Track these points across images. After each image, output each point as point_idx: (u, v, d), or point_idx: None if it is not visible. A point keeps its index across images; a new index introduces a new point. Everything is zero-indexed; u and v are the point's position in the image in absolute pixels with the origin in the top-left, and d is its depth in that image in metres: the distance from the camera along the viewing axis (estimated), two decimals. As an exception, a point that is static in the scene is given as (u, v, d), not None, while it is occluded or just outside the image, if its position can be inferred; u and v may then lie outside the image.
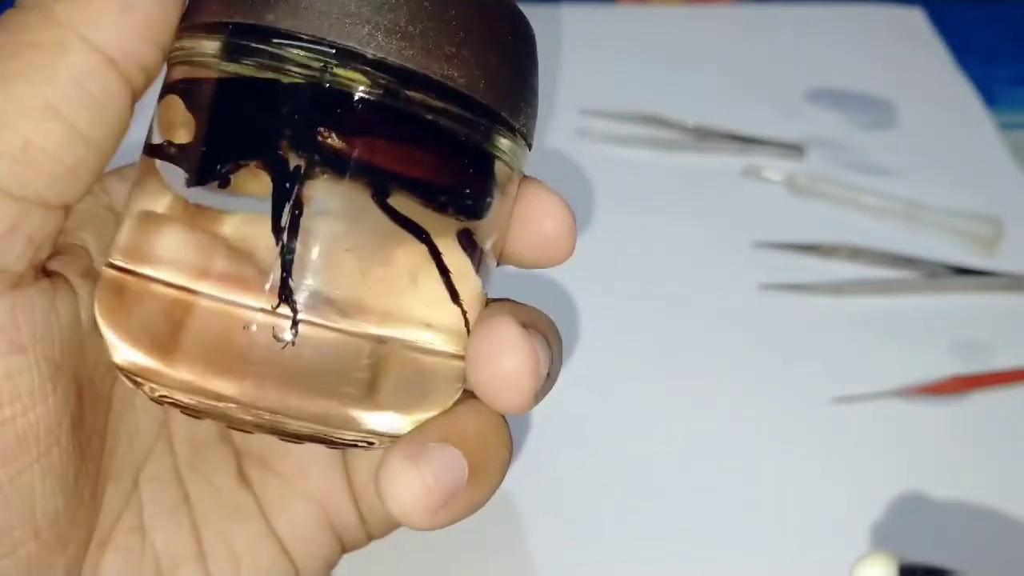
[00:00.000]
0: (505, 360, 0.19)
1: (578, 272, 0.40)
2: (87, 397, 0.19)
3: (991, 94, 0.52)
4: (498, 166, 0.19)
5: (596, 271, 0.40)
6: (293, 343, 0.17)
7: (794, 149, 0.47)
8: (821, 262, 0.41)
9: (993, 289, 0.41)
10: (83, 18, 0.16)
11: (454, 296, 0.18)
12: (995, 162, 0.47)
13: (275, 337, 0.17)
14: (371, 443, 0.19)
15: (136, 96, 0.18)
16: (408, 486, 0.18)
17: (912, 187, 0.45)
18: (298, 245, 0.17)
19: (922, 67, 0.53)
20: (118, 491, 0.21)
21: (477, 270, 0.19)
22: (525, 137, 0.19)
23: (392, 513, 0.19)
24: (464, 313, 0.18)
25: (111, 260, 0.18)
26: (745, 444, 0.34)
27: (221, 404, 0.17)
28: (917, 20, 0.56)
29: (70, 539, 0.19)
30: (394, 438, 0.19)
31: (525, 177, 0.20)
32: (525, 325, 0.19)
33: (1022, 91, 0.53)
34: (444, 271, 0.18)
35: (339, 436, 0.18)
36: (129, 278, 0.18)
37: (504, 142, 0.19)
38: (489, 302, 0.20)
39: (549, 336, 0.20)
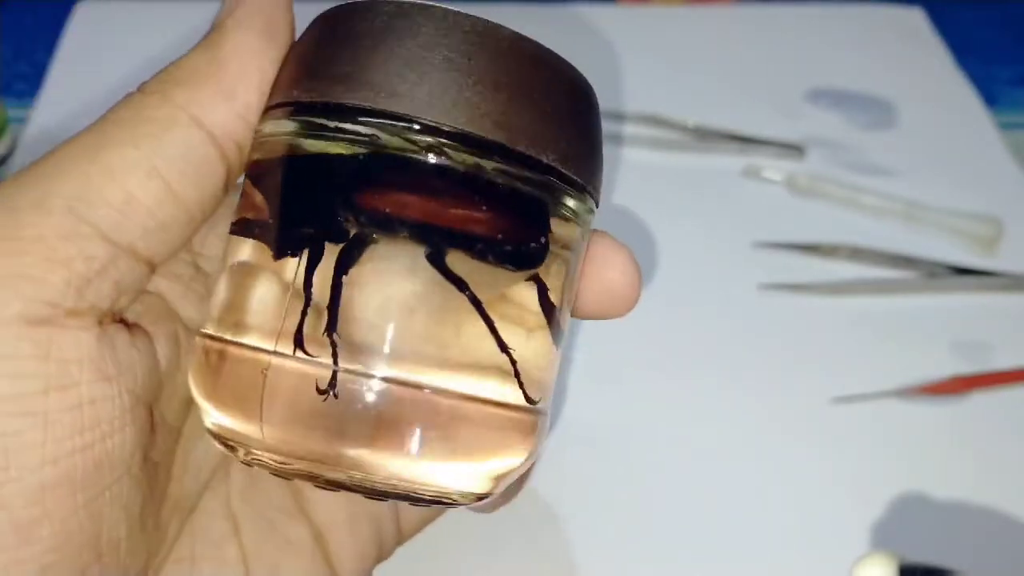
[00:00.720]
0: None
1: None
2: (160, 432, 0.20)
3: (991, 94, 0.52)
4: (565, 225, 0.20)
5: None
6: (369, 402, 0.18)
7: (794, 149, 0.47)
8: (821, 262, 0.41)
9: (993, 289, 0.41)
10: (194, 100, 0.19)
11: (501, 346, 0.19)
12: (995, 162, 0.47)
13: (349, 396, 0.18)
14: (452, 499, 0.20)
15: (231, 169, 0.20)
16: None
17: (912, 187, 0.45)
18: (369, 306, 0.18)
19: (922, 67, 0.53)
20: (178, 521, 0.22)
21: (550, 325, 0.20)
22: (592, 195, 0.21)
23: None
24: (514, 363, 0.19)
25: (203, 330, 0.20)
26: (745, 444, 0.34)
27: (308, 465, 0.19)
28: (917, 20, 0.56)
29: (129, 567, 0.20)
30: (472, 495, 0.20)
31: (594, 231, 0.22)
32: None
33: (1022, 91, 0.53)
34: (488, 320, 0.19)
35: (422, 492, 0.19)
36: (218, 345, 0.19)
37: (572, 202, 0.20)
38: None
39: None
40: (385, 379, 0.18)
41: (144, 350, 0.20)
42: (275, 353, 0.18)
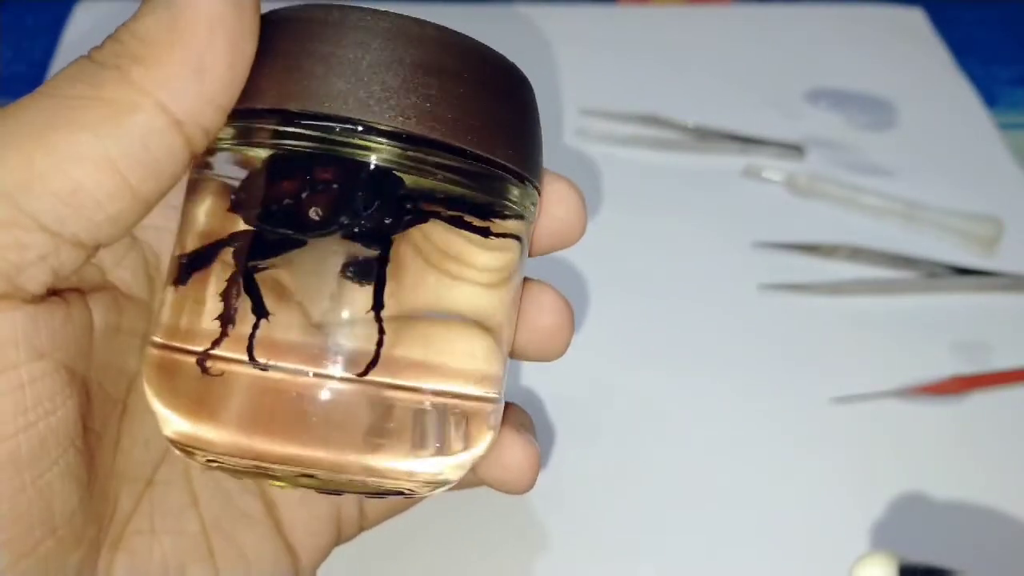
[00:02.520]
0: (545, 316, 0.23)
1: (578, 272, 0.40)
2: (96, 401, 0.20)
3: (991, 94, 0.52)
4: (508, 209, 0.20)
5: (596, 271, 0.40)
6: (330, 402, 0.18)
7: (794, 149, 0.47)
8: (821, 262, 0.41)
9: (993, 289, 0.41)
10: (157, 81, 0.17)
11: (377, 304, 0.19)
12: (995, 162, 0.47)
13: (311, 398, 0.18)
14: (412, 491, 0.20)
15: (195, 155, 0.19)
16: (524, 455, 0.23)
17: (912, 187, 0.45)
18: (313, 306, 0.18)
19: (922, 67, 0.53)
20: (131, 493, 0.22)
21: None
22: (533, 183, 0.21)
23: (506, 482, 0.23)
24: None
25: (154, 339, 0.20)
26: (745, 444, 0.34)
27: (267, 465, 0.19)
28: (917, 20, 0.56)
29: (83, 537, 0.20)
30: (430, 485, 0.20)
31: (527, 280, 0.23)
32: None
33: (1022, 91, 0.53)
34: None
35: (378, 487, 0.20)
36: (170, 354, 0.19)
37: (514, 191, 0.20)
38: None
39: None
40: (338, 378, 0.18)
41: (79, 321, 0.19)
42: (227, 359, 0.18)
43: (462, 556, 0.30)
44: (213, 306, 0.19)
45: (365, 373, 0.18)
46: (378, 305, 0.18)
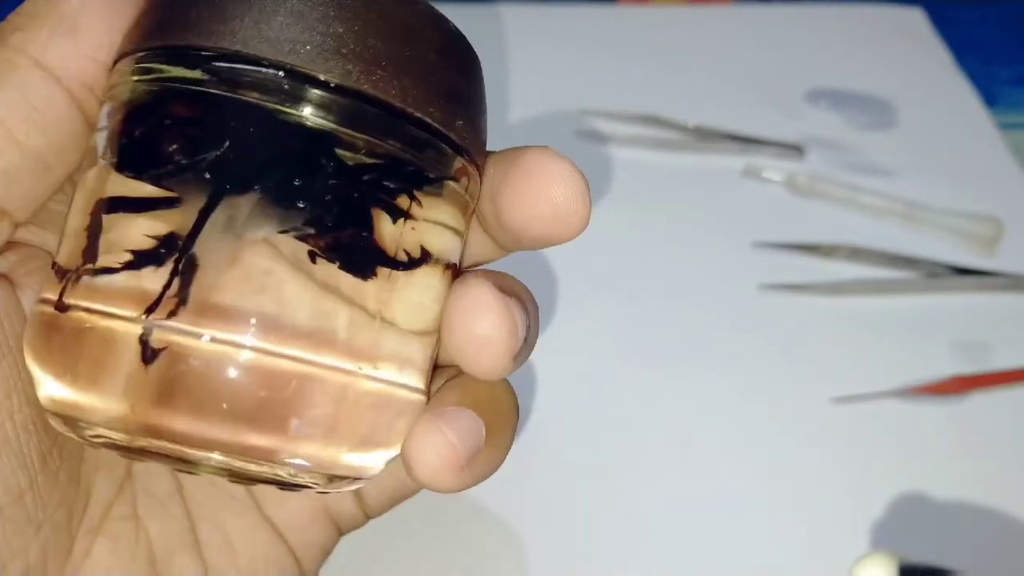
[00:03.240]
0: (480, 322, 0.18)
1: (578, 272, 0.40)
2: None
3: (991, 94, 0.52)
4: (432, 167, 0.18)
5: (596, 271, 0.40)
6: (235, 373, 0.16)
7: (794, 149, 0.47)
8: (821, 262, 0.41)
9: (993, 289, 0.41)
10: (31, 41, 0.18)
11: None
12: (995, 162, 0.47)
13: (211, 365, 0.16)
14: (317, 484, 0.18)
15: (87, 114, 0.19)
16: (434, 448, 0.18)
17: (912, 187, 0.45)
18: (228, 269, 0.16)
19: (922, 67, 0.53)
20: (110, 479, 0.21)
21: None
22: (467, 153, 0.19)
23: (419, 477, 0.19)
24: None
25: (45, 295, 0.17)
26: (745, 444, 0.34)
27: (159, 442, 0.16)
28: (917, 20, 0.56)
29: (43, 521, 0.19)
30: (347, 477, 0.18)
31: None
32: (501, 289, 0.19)
33: (1022, 91, 0.53)
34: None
35: (289, 477, 0.17)
36: (67, 312, 0.17)
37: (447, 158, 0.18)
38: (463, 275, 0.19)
39: (525, 300, 0.20)
40: (254, 349, 0.16)
41: (7, 300, 0.19)
42: (135, 320, 0.16)
43: (458, 559, 0.30)
44: (77, 242, 0.17)
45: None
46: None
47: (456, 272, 0.19)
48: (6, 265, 0.19)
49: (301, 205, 0.16)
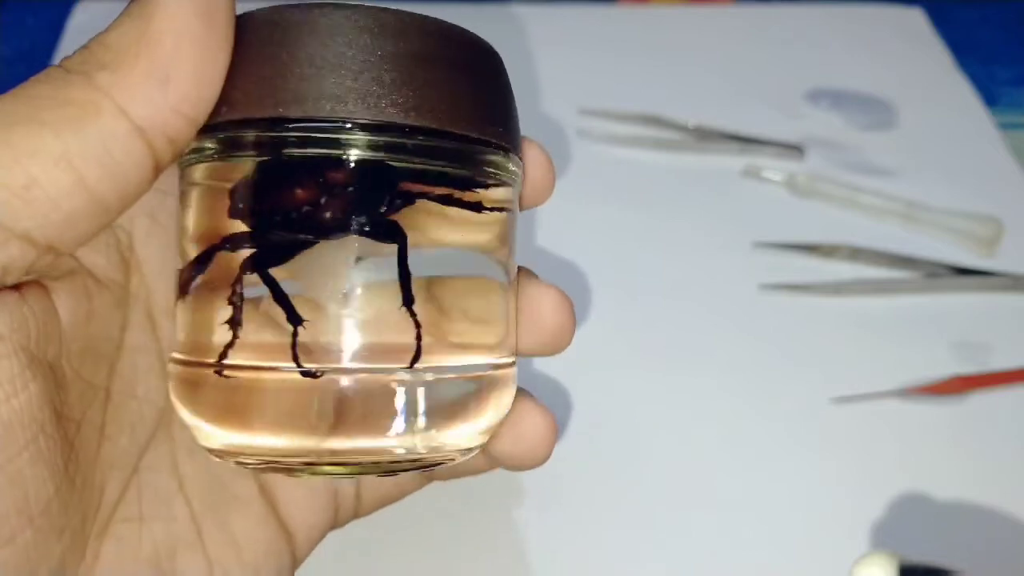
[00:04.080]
0: (558, 316, 0.23)
1: (578, 271, 0.40)
2: (72, 389, 0.20)
3: (991, 94, 0.52)
4: (493, 179, 0.21)
5: (595, 271, 0.40)
6: (352, 394, 0.19)
7: (794, 149, 0.47)
8: (821, 262, 0.41)
9: (993, 289, 0.41)
10: (120, 86, 0.18)
11: (407, 300, 0.20)
12: (995, 162, 0.47)
13: (380, 394, 0.19)
14: (452, 459, 0.22)
15: (160, 164, 0.19)
16: (543, 424, 0.24)
17: (912, 187, 0.45)
18: (352, 303, 0.19)
19: (922, 67, 0.53)
20: (118, 480, 0.22)
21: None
22: (512, 151, 0.22)
23: (522, 454, 0.24)
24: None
25: (176, 356, 0.20)
26: (745, 444, 0.34)
27: (311, 460, 0.20)
28: (917, 20, 0.56)
29: (65, 526, 0.19)
30: (469, 451, 0.22)
31: (521, 269, 0.24)
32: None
33: (1022, 91, 0.53)
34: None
35: (427, 459, 0.21)
36: (191, 368, 0.20)
37: (499, 162, 0.21)
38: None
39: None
40: (360, 370, 0.19)
41: (38, 306, 0.19)
42: (261, 368, 0.19)
43: (458, 557, 0.30)
44: (222, 313, 0.19)
45: (411, 366, 0.19)
46: (408, 299, 0.19)
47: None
48: (34, 271, 0.19)
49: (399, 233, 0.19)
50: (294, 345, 0.19)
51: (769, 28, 0.55)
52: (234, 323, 0.19)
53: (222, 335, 0.19)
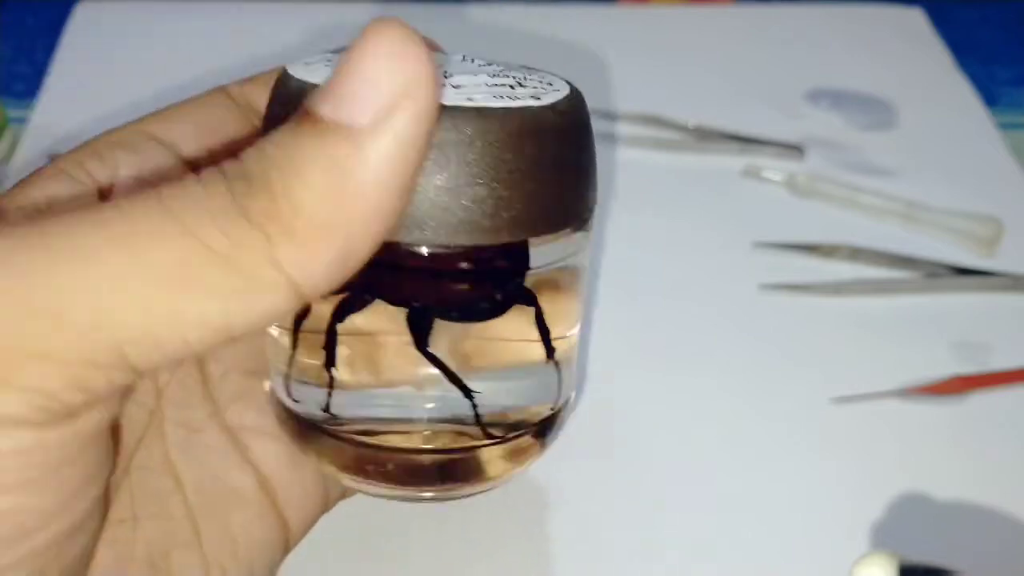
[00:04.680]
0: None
1: (578, 272, 0.40)
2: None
3: (991, 94, 0.52)
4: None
5: (595, 270, 0.40)
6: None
7: (794, 149, 0.47)
8: (821, 262, 0.41)
9: (993, 289, 0.41)
10: (300, 265, 0.16)
11: (550, 353, 0.25)
12: (995, 162, 0.47)
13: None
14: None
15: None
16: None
17: (912, 187, 0.45)
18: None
19: (922, 67, 0.53)
20: (110, 482, 0.21)
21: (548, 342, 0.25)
22: (584, 219, 0.24)
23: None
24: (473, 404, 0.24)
25: (341, 429, 0.23)
26: (745, 444, 0.34)
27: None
28: (917, 20, 0.56)
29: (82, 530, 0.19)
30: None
31: None
32: None
33: (1022, 91, 0.53)
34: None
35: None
36: (359, 447, 0.23)
37: (575, 236, 0.24)
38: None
39: None
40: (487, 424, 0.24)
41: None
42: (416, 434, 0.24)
43: (460, 558, 0.30)
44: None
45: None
46: (551, 352, 0.25)
47: None
48: None
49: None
50: (477, 416, 0.24)
51: (769, 28, 0.55)
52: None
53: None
